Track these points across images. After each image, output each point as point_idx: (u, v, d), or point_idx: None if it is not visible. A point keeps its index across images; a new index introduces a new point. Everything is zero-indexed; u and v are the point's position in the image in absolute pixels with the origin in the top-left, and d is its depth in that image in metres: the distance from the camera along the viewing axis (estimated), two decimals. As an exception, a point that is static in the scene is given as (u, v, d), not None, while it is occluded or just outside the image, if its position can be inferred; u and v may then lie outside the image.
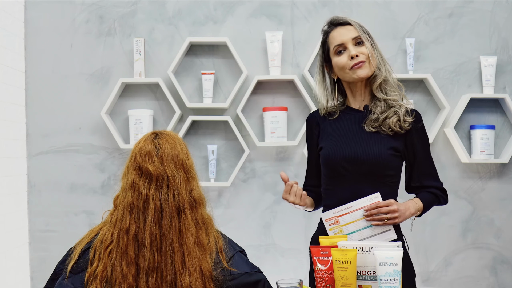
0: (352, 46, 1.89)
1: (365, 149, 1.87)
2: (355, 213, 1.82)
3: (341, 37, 1.90)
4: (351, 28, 1.90)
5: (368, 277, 1.61)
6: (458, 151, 3.05)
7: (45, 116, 3.09)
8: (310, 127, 2.03)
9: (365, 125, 1.90)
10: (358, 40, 1.89)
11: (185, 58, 3.10)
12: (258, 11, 3.11)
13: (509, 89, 3.10)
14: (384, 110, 1.89)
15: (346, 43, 1.89)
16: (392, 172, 1.89)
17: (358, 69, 1.88)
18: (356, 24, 1.91)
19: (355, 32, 1.90)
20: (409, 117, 1.88)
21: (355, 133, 1.91)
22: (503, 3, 3.11)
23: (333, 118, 1.96)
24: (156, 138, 1.60)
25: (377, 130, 1.89)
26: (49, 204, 3.08)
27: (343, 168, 1.88)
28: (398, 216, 1.82)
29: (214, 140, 3.11)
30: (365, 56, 1.88)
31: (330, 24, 1.96)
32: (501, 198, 3.11)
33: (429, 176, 1.95)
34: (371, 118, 1.90)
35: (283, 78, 3.01)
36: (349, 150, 1.88)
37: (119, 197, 1.58)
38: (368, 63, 1.88)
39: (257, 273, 1.57)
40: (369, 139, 1.88)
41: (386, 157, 1.86)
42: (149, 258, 1.50)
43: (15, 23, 3.01)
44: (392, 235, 1.84)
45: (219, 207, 3.09)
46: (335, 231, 1.84)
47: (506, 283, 3.09)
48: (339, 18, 1.94)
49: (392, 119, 1.87)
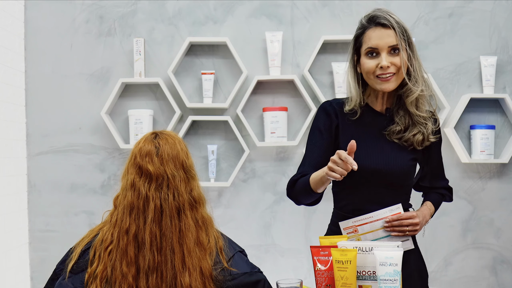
0: (385, 55, 1.73)
1: (387, 161, 1.79)
2: (375, 223, 1.79)
3: (378, 40, 1.74)
4: (391, 33, 1.73)
5: (368, 277, 1.61)
6: (458, 151, 3.05)
7: (45, 116, 3.09)
8: (327, 115, 1.85)
9: (387, 133, 1.81)
10: (395, 48, 1.74)
11: (185, 58, 3.10)
12: (258, 11, 3.11)
13: (509, 89, 3.10)
14: (409, 124, 1.79)
15: (381, 49, 1.74)
16: (411, 181, 1.88)
17: (384, 82, 1.75)
18: (398, 29, 1.73)
19: (394, 39, 1.72)
20: (432, 137, 1.81)
21: (377, 141, 1.81)
22: (503, 3, 3.11)
23: (353, 118, 1.82)
24: (156, 138, 1.60)
25: (398, 142, 1.81)
26: (49, 204, 3.08)
27: (363, 178, 1.78)
28: (419, 229, 1.81)
29: (214, 140, 3.11)
30: (396, 68, 1.74)
31: (369, 20, 1.78)
32: (501, 198, 3.11)
33: (439, 177, 1.95)
34: (394, 129, 1.79)
35: (283, 78, 3.01)
36: (371, 161, 1.78)
37: (119, 197, 1.58)
38: (396, 76, 1.75)
39: (257, 273, 1.57)
40: (391, 150, 1.80)
41: (408, 169, 1.81)
42: (149, 258, 1.50)
43: (15, 23, 3.01)
44: (410, 245, 1.83)
45: (219, 207, 3.09)
46: (352, 240, 1.80)
47: (506, 283, 3.09)
48: (381, 16, 1.75)
49: (417, 137, 1.78)
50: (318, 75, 3.09)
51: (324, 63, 3.09)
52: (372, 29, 1.76)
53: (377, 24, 1.75)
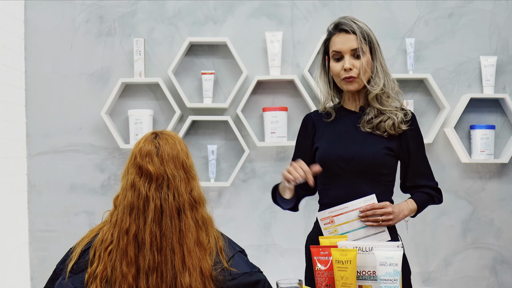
0: (348, 58, 1.89)
1: (360, 149, 1.89)
2: (350, 214, 1.84)
3: (341, 45, 1.90)
4: (352, 38, 1.89)
5: (368, 277, 1.61)
6: (458, 151, 3.05)
7: (45, 116, 3.09)
8: (305, 126, 2.04)
9: (360, 125, 1.92)
10: (356, 52, 1.89)
11: (185, 58, 3.10)
12: (258, 11, 3.11)
13: (509, 89, 3.10)
14: (378, 114, 1.92)
15: (344, 53, 1.90)
16: (387, 171, 1.91)
17: (348, 83, 1.90)
18: (360, 34, 1.89)
19: (355, 43, 1.88)
20: (404, 125, 1.91)
21: (351, 133, 1.93)
22: (503, 3, 3.11)
23: (329, 119, 1.98)
24: (156, 138, 1.60)
25: (371, 130, 1.91)
26: (49, 204, 3.08)
27: (339, 168, 1.90)
28: (393, 218, 1.85)
29: (214, 140, 3.11)
30: (357, 72, 1.88)
31: (335, 27, 1.95)
32: (501, 198, 3.11)
33: (423, 176, 1.97)
34: (365, 119, 1.92)
35: (283, 78, 3.01)
36: (344, 150, 1.90)
37: (119, 197, 1.58)
38: (358, 79, 1.89)
39: (257, 273, 1.57)
40: (364, 139, 1.91)
41: (381, 157, 1.88)
42: (149, 258, 1.50)
43: (15, 23, 3.01)
44: (386, 236, 1.86)
45: (219, 207, 3.09)
46: (329, 230, 1.86)
47: (506, 283, 3.09)
48: (344, 22, 1.91)
49: (388, 122, 1.90)
50: (318, 75, 3.09)
51: (324, 63, 3.09)
52: (336, 35, 1.92)
53: (341, 30, 1.92)
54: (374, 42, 1.91)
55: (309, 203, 3.10)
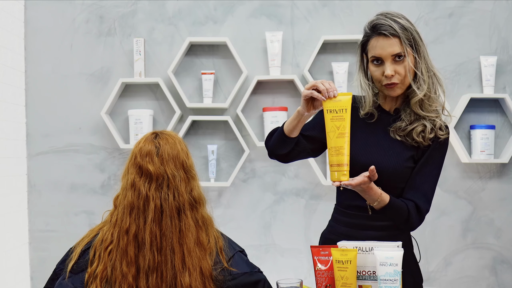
0: (389, 64, 1.73)
1: (383, 159, 1.77)
2: None
3: (381, 50, 1.73)
4: (394, 42, 1.71)
5: (368, 277, 1.61)
6: (458, 151, 3.05)
7: (45, 116, 3.09)
8: None
9: (391, 129, 1.80)
10: (399, 55, 1.72)
11: (185, 58, 3.10)
12: (258, 11, 3.11)
13: (509, 89, 3.10)
14: (413, 119, 1.78)
15: (385, 59, 1.73)
16: (404, 185, 1.81)
17: (389, 89, 1.76)
18: (403, 35, 1.71)
19: (398, 47, 1.71)
20: (432, 134, 1.76)
21: (379, 138, 1.81)
22: (503, 3, 3.11)
23: (371, 121, 1.82)
24: (156, 138, 1.60)
25: (402, 139, 1.79)
26: (49, 204, 3.08)
27: (356, 172, 1.74)
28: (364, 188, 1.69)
29: (214, 140, 3.11)
30: (400, 78, 1.73)
31: (372, 29, 1.76)
32: (501, 198, 3.11)
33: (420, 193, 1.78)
34: (398, 125, 1.78)
35: (283, 78, 3.01)
36: (367, 157, 1.78)
37: (119, 197, 1.58)
38: (401, 84, 1.75)
39: (257, 273, 1.57)
40: (389, 148, 1.79)
41: (402, 170, 1.77)
42: (149, 258, 1.50)
43: (15, 23, 3.01)
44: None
45: (219, 207, 3.09)
46: None
47: (506, 283, 3.09)
48: (384, 24, 1.73)
49: (416, 129, 1.76)
50: (318, 75, 3.09)
51: (324, 63, 3.09)
52: (375, 39, 1.75)
53: (380, 33, 1.74)
54: (418, 40, 1.74)
55: (309, 203, 3.10)
